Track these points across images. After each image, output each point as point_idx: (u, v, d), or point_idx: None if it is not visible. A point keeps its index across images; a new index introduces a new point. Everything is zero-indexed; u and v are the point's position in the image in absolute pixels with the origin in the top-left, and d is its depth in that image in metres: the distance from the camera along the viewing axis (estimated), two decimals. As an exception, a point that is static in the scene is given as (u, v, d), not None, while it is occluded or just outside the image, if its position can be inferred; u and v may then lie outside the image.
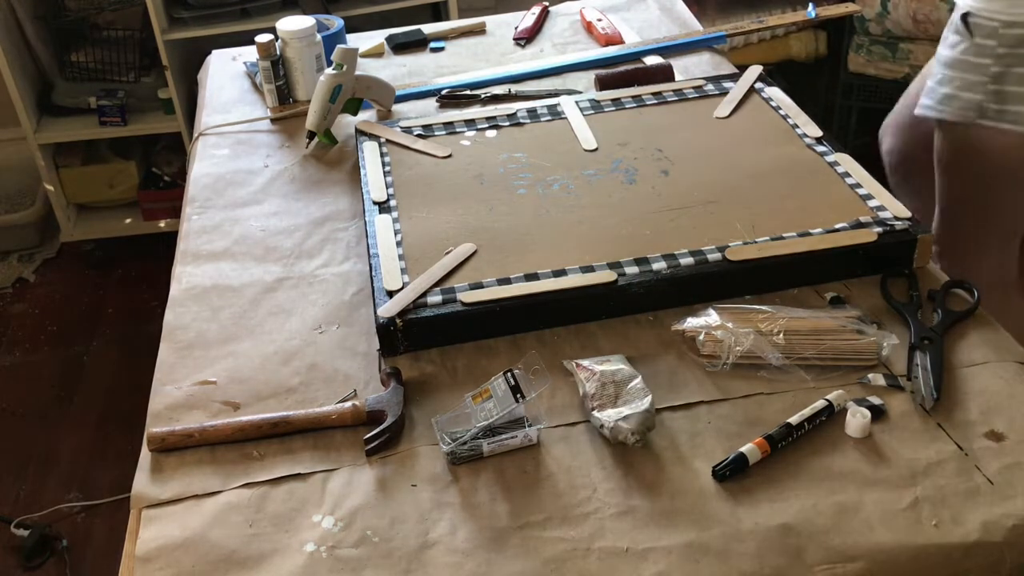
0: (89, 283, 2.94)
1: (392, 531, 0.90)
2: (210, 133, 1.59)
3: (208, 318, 1.18)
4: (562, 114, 1.46)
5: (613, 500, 0.91)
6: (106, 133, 2.81)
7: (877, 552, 0.85)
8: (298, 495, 0.94)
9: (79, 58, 2.80)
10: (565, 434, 0.98)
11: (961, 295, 1.13)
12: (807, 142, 1.34)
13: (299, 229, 1.33)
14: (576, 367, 1.02)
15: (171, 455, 0.99)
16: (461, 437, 0.95)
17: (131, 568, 0.89)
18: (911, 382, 1.01)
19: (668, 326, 1.09)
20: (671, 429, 0.98)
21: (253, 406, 1.04)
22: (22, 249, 3.04)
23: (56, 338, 2.72)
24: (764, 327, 1.05)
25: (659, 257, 1.14)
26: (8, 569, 2.05)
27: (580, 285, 1.11)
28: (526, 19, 1.88)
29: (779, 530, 0.87)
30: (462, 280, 1.13)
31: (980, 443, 0.94)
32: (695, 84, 1.52)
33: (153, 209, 2.96)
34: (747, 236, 1.16)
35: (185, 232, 1.35)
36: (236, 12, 2.67)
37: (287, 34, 1.58)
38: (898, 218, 1.17)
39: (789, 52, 2.77)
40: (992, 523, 0.86)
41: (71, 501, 2.19)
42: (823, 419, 0.96)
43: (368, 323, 1.14)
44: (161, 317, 1.19)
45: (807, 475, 0.92)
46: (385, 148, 1.41)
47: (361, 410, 1.01)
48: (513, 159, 1.36)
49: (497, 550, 0.87)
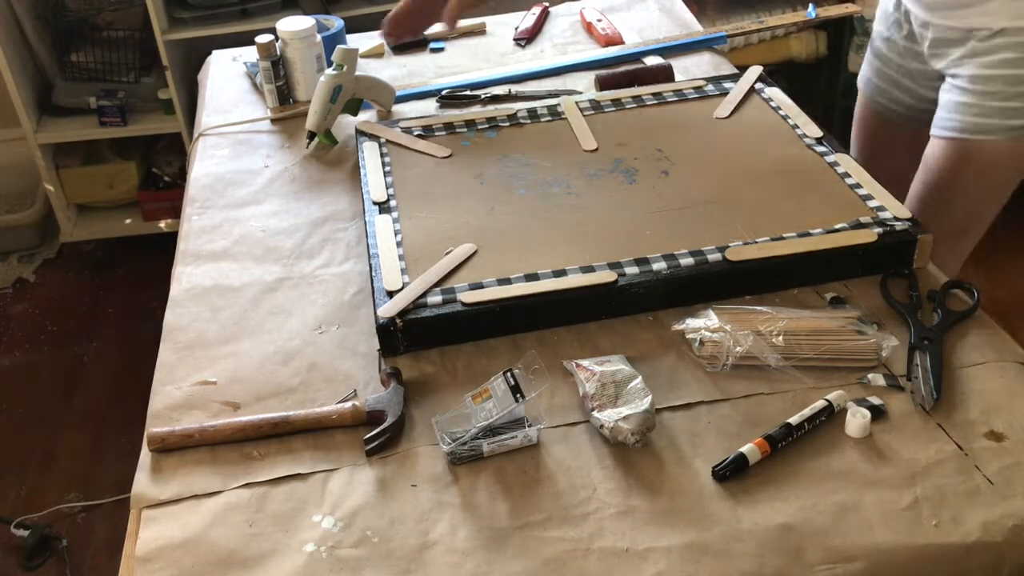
0: (89, 283, 2.94)
1: (392, 531, 0.90)
2: (210, 133, 1.59)
3: (208, 318, 1.18)
4: (562, 114, 1.46)
5: (613, 500, 0.91)
6: (106, 133, 2.81)
7: (877, 552, 0.85)
8: (298, 495, 0.94)
9: (79, 58, 2.80)
10: (565, 434, 0.98)
11: (961, 295, 1.13)
12: (807, 142, 1.34)
13: (299, 229, 1.33)
14: (576, 367, 1.02)
15: (171, 455, 0.99)
16: (461, 437, 0.95)
17: (131, 568, 0.89)
18: (911, 382, 1.01)
19: (668, 326, 1.09)
20: (671, 429, 0.98)
21: (253, 406, 1.04)
22: (22, 249, 3.04)
23: (56, 338, 2.72)
24: (764, 328, 1.05)
25: (659, 257, 1.14)
26: (8, 569, 2.05)
27: (580, 285, 1.11)
28: (526, 19, 1.88)
29: (779, 530, 0.87)
30: (462, 280, 1.13)
31: (980, 443, 0.94)
32: (695, 84, 1.52)
33: (153, 209, 2.96)
34: (747, 236, 1.16)
35: (185, 232, 1.35)
36: (236, 12, 2.67)
37: (287, 34, 1.58)
38: (898, 218, 1.17)
39: (789, 52, 2.77)
40: (992, 523, 0.86)
41: (71, 501, 2.19)
42: (823, 419, 0.96)
43: (368, 323, 1.14)
44: (161, 317, 1.19)
45: (807, 475, 0.92)
46: (385, 148, 1.41)
47: (361, 410, 1.01)
48: (513, 159, 1.36)
49: (497, 550, 0.87)
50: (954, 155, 1.36)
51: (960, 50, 1.34)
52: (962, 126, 1.36)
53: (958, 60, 1.35)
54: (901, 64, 1.50)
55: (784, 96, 1.47)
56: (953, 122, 1.37)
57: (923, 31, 1.41)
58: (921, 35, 1.42)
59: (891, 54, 1.52)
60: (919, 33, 1.42)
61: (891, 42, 1.51)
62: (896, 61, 1.51)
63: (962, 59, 1.35)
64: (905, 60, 1.49)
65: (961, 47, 1.34)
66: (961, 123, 1.36)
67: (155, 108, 2.82)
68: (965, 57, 1.34)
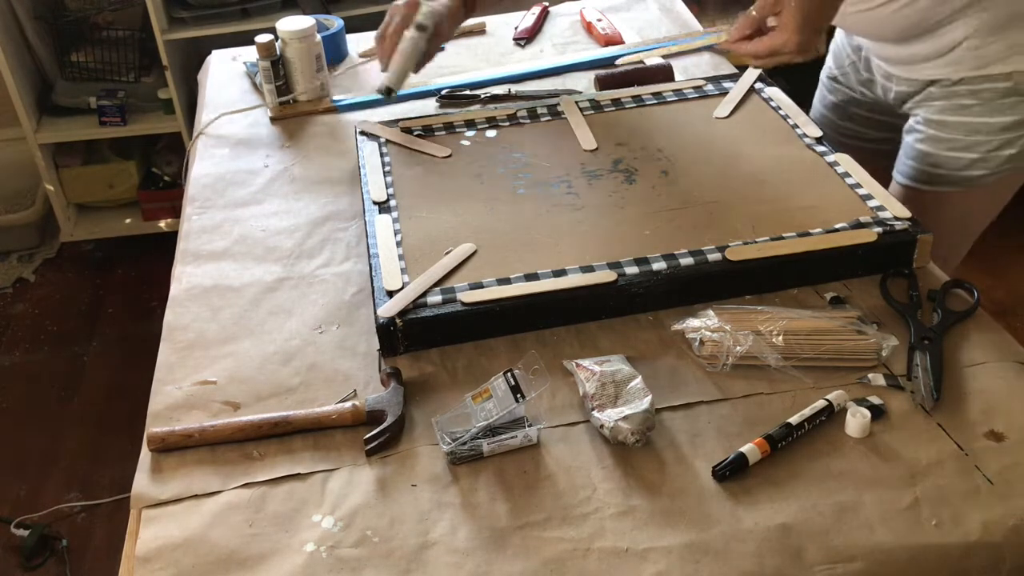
0: (89, 283, 2.94)
1: (392, 531, 0.90)
2: (209, 131, 1.59)
3: (208, 318, 1.18)
4: (562, 114, 1.46)
5: (613, 500, 0.91)
6: (106, 133, 2.81)
7: (877, 552, 0.85)
8: (298, 495, 0.94)
9: (79, 58, 2.80)
10: (565, 434, 0.98)
11: (961, 295, 1.13)
12: (807, 142, 1.34)
13: (299, 229, 1.33)
14: (576, 367, 1.02)
15: (171, 455, 0.99)
16: (461, 437, 0.95)
17: (131, 568, 0.89)
18: (911, 382, 1.01)
19: (668, 326, 1.09)
20: (671, 429, 0.98)
21: (253, 406, 1.04)
22: (22, 249, 3.04)
23: (56, 338, 2.72)
24: (764, 328, 1.05)
25: (659, 257, 1.14)
26: (8, 569, 2.05)
27: (580, 285, 1.11)
28: (526, 19, 1.88)
29: (779, 530, 0.87)
30: (462, 280, 1.13)
31: (980, 443, 0.94)
32: (695, 84, 1.52)
33: (153, 209, 2.96)
34: (747, 236, 1.16)
35: (185, 232, 1.35)
36: (236, 12, 2.67)
37: (287, 34, 1.58)
38: (898, 218, 1.17)
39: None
40: (992, 523, 0.86)
41: (71, 501, 2.19)
42: (823, 419, 0.96)
43: (368, 323, 1.14)
44: (161, 317, 1.19)
45: (807, 475, 0.92)
46: (385, 148, 1.41)
47: (361, 410, 1.01)
48: (513, 159, 1.36)
49: (497, 550, 0.87)
50: (916, 200, 1.37)
51: (920, 96, 1.37)
52: (918, 176, 1.39)
53: (918, 103, 1.38)
54: (856, 99, 1.54)
55: (784, 96, 1.47)
56: (911, 170, 1.40)
57: (887, 83, 1.43)
58: (885, 87, 1.44)
59: (845, 90, 1.56)
60: (882, 85, 1.45)
61: (846, 79, 1.55)
62: (851, 97, 1.55)
63: (921, 102, 1.37)
64: (860, 97, 1.53)
65: (920, 94, 1.37)
66: (917, 172, 1.39)
67: (155, 108, 2.83)
68: (924, 101, 1.36)
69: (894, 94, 1.42)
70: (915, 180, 1.39)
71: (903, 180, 1.42)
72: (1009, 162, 1.32)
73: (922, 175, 1.38)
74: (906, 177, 1.41)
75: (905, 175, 1.41)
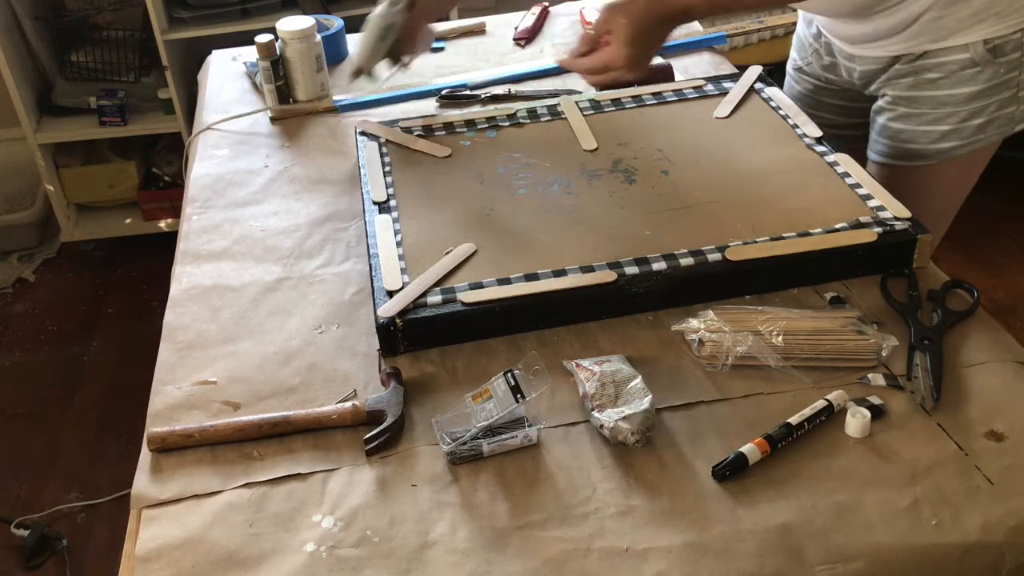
0: (89, 283, 2.94)
1: (392, 531, 0.90)
2: (209, 131, 1.59)
3: (208, 318, 1.18)
4: (562, 114, 1.46)
5: (613, 500, 0.91)
6: (106, 133, 2.81)
7: (877, 552, 0.85)
8: (298, 495, 0.94)
9: (79, 58, 2.80)
10: (565, 434, 0.98)
11: (961, 295, 1.13)
12: (807, 142, 1.34)
13: (299, 229, 1.33)
14: (576, 367, 1.02)
15: (171, 455, 0.99)
16: (461, 437, 0.95)
17: (131, 568, 0.89)
18: (911, 382, 1.01)
19: (668, 326, 1.09)
20: (671, 429, 0.98)
21: (253, 406, 1.04)
22: (22, 249, 3.04)
23: (56, 338, 2.72)
24: (763, 328, 1.05)
25: (659, 257, 1.14)
26: (8, 569, 2.05)
27: (580, 285, 1.11)
28: (526, 19, 1.88)
29: (779, 530, 0.87)
30: (462, 280, 1.13)
31: (980, 443, 0.94)
32: (695, 84, 1.52)
33: (153, 209, 2.96)
34: (747, 236, 1.16)
35: (185, 232, 1.35)
36: (236, 12, 2.67)
37: (287, 34, 1.58)
38: (898, 218, 1.17)
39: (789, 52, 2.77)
40: (992, 523, 0.86)
41: (71, 501, 2.19)
42: (823, 419, 0.96)
43: (368, 323, 1.14)
44: (161, 317, 1.19)
45: (807, 475, 0.92)
46: (385, 148, 1.41)
47: (361, 410, 1.01)
48: (513, 159, 1.36)
49: (497, 550, 0.87)
50: (891, 177, 1.38)
51: (886, 74, 1.37)
52: (893, 152, 1.39)
53: (885, 82, 1.38)
54: (822, 87, 1.54)
55: (784, 96, 1.47)
56: (885, 147, 1.40)
57: (849, 64, 1.43)
58: (848, 68, 1.44)
59: (811, 79, 1.56)
60: (845, 67, 1.45)
61: (810, 68, 1.55)
62: (818, 85, 1.55)
63: (888, 80, 1.37)
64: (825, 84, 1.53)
65: (886, 72, 1.37)
66: (892, 149, 1.39)
67: (155, 108, 2.83)
68: (892, 79, 1.37)
69: (859, 74, 1.42)
70: (890, 157, 1.40)
71: (878, 159, 1.42)
72: (980, 132, 1.33)
73: (896, 151, 1.39)
74: (881, 156, 1.41)
75: (880, 154, 1.42)
